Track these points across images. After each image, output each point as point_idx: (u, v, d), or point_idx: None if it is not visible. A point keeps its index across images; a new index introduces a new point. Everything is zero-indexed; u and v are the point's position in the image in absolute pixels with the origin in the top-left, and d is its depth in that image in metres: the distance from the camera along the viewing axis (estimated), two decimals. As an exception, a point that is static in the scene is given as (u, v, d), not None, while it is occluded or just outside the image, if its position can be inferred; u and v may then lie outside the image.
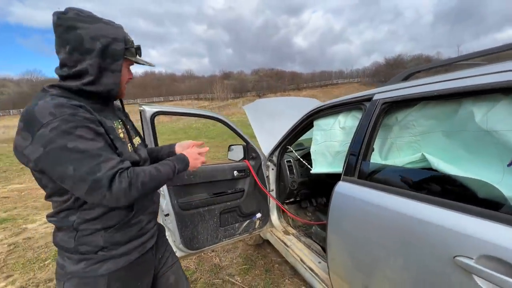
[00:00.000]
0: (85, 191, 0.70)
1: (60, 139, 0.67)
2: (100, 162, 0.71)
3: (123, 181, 0.73)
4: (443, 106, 1.06)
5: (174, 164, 0.94)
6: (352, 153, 1.31)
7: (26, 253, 2.81)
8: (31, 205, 4.52)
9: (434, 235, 0.84)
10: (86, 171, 0.69)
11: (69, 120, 0.69)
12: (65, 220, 0.81)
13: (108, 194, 0.71)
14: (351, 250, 1.22)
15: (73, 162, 0.68)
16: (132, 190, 0.75)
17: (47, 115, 0.68)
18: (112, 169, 0.72)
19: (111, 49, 0.80)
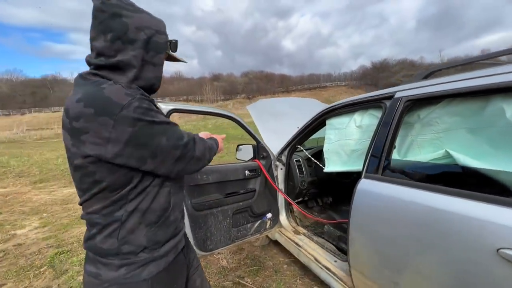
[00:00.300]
0: (176, 158, 0.76)
1: (146, 115, 0.70)
2: (180, 130, 0.79)
3: (200, 144, 0.84)
4: (468, 103, 1.09)
5: (214, 141, 1.01)
6: (375, 151, 1.31)
7: (18, 260, 2.65)
8: (18, 209, 4.29)
9: (474, 229, 0.85)
10: (176, 138, 0.75)
11: (144, 99, 0.72)
12: (110, 216, 0.75)
13: (194, 157, 0.80)
14: (378, 247, 1.22)
15: (165, 133, 0.73)
16: (207, 153, 0.87)
17: (124, 96, 0.68)
18: (190, 135, 0.82)
19: (154, 42, 0.78)
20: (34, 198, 4.86)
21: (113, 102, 0.66)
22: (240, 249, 2.66)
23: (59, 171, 6.89)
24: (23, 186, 5.73)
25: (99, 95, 0.67)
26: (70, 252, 2.75)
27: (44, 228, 3.45)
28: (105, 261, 0.75)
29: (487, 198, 0.85)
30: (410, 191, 1.11)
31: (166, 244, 0.85)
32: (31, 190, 5.37)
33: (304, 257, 1.90)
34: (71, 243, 2.96)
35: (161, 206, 0.83)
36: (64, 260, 2.58)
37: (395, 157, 1.30)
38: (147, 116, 0.70)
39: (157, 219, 0.81)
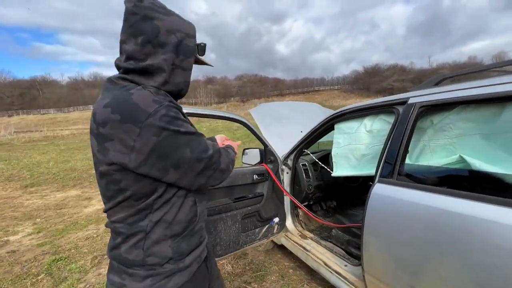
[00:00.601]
0: (199, 171, 0.73)
1: (172, 125, 0.67)
2: (205, 141, 0.76)
3: (224, 156, 0.81)
4: (483, 110, 1.12)
5: (232, 149, 0.98)
6: (389, 155, 1.33)
7: (13, 268, 2.55)
8: (9, 215, 4.14)
9: (492, 232, 0.87)
10: (201, 150, 0.72)
11: (172, 106, 0.70)
12: (134, 226, 0.73)
13: (217, 170, 0.77)
14: (394, 251, 1.23)
15: (189, 144, 0.70)
16: (230, 164, 0.84)
17: (151, 103, 0.66)
18: (215, 146, 0.79)
19: (184, 45, 0.76)
20: (26, 202, 4.71)
21: (140, 109, 0.64)
22: (244, 254, 2.63)
23: (50, 174, 6.70)
24: (14, 190, 5.55)
25: (127, 101, 0.65)
26: (68, 258, 2.66)
27: (38, 234, 3.34)
28: (131, 271, 0.73)
29: (505, 202, 0.87)
30: (425, 195, 1.12)
31: (191, 254, 0.82)
32: (22, 195, 5.20)
33: (312, 262, 1.90)
34: (68, 249, 2.87)
35: (187, 217, 0.81)
36: (62, 267, 2.50)
37: (409, 162, 1.32)
38: (173, 125, 0.68)
39: (183, 230, 0.79)
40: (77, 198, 4.88)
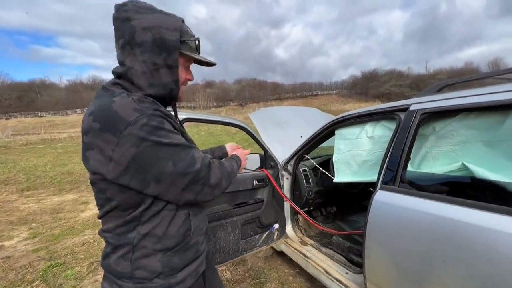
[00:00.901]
0: (183, 186, 0.68)
1: (153, 135, 0.63)
2: (193, 154, 0.70)
3: (216, 171, 0.75)
4: (486, 117, 1.11)
5: (236, 161, 0.95)
6: (391, 162, 1.32)
7: (8, 274, 2.49)
8: (4, 219, 4.07)
9: (496, 241, 0.86)
10: (185, 164, 0.67)
11: (156, 115, 0.65)
12: (122, 237, 0.72)
13: (206, 186, 0.71)
14: (396, 259, 1.21)
15: (171, 157, 0.65)
16: (223, 180, 0.77)
17: (132, 111, 0.62)
18: (205, 159, 0.72)
19: (165, 41, 0.70)
20: (22, 207, 4.64)
21: (119, 117, 0.61)
22: (244, 260, 2.60)
23: (47, 178, 6.63)
24: (9, 194, 5.48)
25: (107, 109, 0.63)
26: (64, 265, 2.61)
27: (34, 239, 3.28)
28: (119, 282, 0.72)
29: (509, 211, 0.86)
30: (428, 203, 1.11)
31: (184, 269, 0.78)
32: (18, 199, 5.13)
33: (312, 269, 1.87)
34: (64, 255, 2.82)
35: (179, 231, 0.76)
36: (58, 274, 2.45)
37: (411, 169, 1.31)
38: (154, 135, 0.63)
39: (175, 244, 0.75)
40: (74, 202, 4.82)
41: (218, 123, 1.68)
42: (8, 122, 37.94)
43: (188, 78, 0.85)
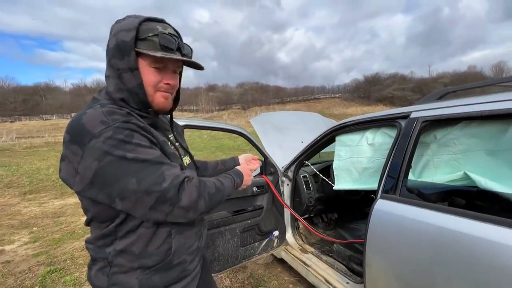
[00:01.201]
0: (150, 205, 0.61)
1: (117, 149, 0.60)
2: (163, 171, 0.63)
3: (192, 191, 0.66)
4: (488, 125, 1.09)
5: (233, 177, 0.87)
6: (392, 171, 1.30)
7: (7, 279, 2.49)
8: (6, 223, 4.09)
9: (500, 254, 0.83)
10: (150, 182, 0.61)
11: (124, 128, 0.62)
12: (101, 250, 0.71)
13: (176, 207, 0.63)
14: (398, 270, 1.18)
15: (135, 174, 0.60)
16: (200, 201, 0.68)
17: (98, 124, 0.61)
18: (178, 178, 0.65)
19: (122, 43, 0.67)
20: (24, 210, 4.66)
21: (85, 130, 0.60)
22: (243, 267, 2.57)
23: (50, 181, 6.66)
24: (12, 197, 5.51)
25: (77, 121, 0.63)
26: (63, 270, 2.60)
27: (34, 243, 3.29)
28: None
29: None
30: (430, 213, 1.08)
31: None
32: (21, 202, 5.16)
33: (313, 278, 1.84)
34: (63, 260, 2.81)
35: (160, 250, 0.72)
36: (57, 280, 2.44)
37: (412, 178, 1.29)
38: (118, 149, 0.60)
39: (154, 263, 0.71)
40: (76, 206, 4.83)
41: (217, 130, 1.67)
42: (13, 125, 38.37)
43: (166, 83, 0.74)
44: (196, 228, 0.84)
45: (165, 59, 0.72)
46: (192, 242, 0.81)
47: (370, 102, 45.86)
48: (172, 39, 0.71)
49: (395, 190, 1.25)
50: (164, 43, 0.69)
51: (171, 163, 0.68)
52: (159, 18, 0.73)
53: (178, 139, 0.91)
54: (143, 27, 0.69)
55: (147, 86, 0.71)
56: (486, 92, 1.23)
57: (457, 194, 1.16)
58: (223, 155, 10.61)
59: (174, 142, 0.86)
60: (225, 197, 0.80)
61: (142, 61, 0.70)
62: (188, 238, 0.79)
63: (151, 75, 0.71)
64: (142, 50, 0.68)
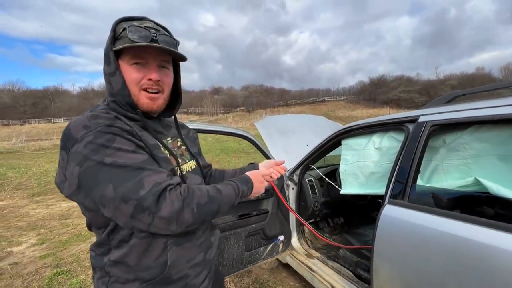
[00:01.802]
0: (129, 214, 0.58)
1: (96, 154, 0.58)
2: (143, 177, 0.59)
3: (174, 200, 0.60)
4: (499, 130, 1.06)
5: (237, 184, 0.78)
6: (400, 176, 1.27)
7: (14, 281, 2.52)
8: (14, 225, 4.15)
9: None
10: (127, 189, 0.57)
11: (105, 132, 0.60)
12: (99, 258, 0.71)
13: (156, 217, 0.58)
14: (407, 278, 1.15)
15: (112, 180, 0.57)
16: (186, 212, 0.61)
17: (80, 128, 0.61)
18: (159, 185, 0.60)
19: (106, 47, 0.68)
20: (32, 212, 4.73)
21: (70, 135, 0.61)
22: (248, 272, 2.55)
23: (58, 183, 6.76)
24: (21, 199, 5.60)
25: (67, 127, 0.64)
26: (69, 272, 2.62)
27: (41, 245, 3.33)
28: None
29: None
30: (439, 220, 1.05)
31: None
32: (29, 204, 5.24)
33: (318, 284, 1.81)
34: (70, 262, 2.84)
35: (157, 263, 0.69)
36: (63, 282, 2.46)
37: (420, 183, 1.26)
38: (97, 154, 0.58)
39: (152, 277, 0.69)
40: (82, 208, 4.88)
41: (221, 133, 1.67)
42: (22, 128, 39.21)
43: (149, 78, 0.70)
44: (201, 239, 0.79)
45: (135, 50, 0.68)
46: (195, 254, 0.76)
47: (376, 104, 45.48)
48: (145, 31, 0.67)
49: (403, 196, 1.23)
50: (133, 35, 0.65)
51: (156, 169, 0.63)
52: (138, 17, 0.71)
53: (187, 142, 0.88)
54: (119, 27, 0.68)
55: (130, 85, 0.69)
56: (495, 96, 1.20)
57: (467, 200, 1.13)
58: (228, 157, 10.61)
59: (171, 145, 0.81)
60: (224, 207, 0.73)
61: (122, 61, 0.69)
62: (188, 250, 0.74)
63: (132, 73, 0.69)
64: (115, 47, 0.67)
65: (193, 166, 0.86)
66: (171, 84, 0.79)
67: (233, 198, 0.76)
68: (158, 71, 0.72)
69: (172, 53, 0.72)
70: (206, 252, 0.81)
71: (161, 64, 0.73)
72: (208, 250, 0.83)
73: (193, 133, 1.01)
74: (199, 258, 0.78)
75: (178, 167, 0.77)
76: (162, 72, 0.73)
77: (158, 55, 0.71)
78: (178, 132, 0.89)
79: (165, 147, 0.76)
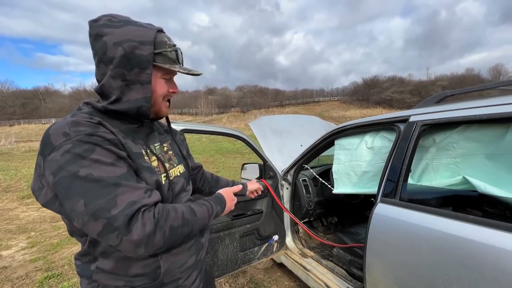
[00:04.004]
0: (97, 232, 0.56)
1: (72, 164, 0.55)
2: (117, 194, 0.56)
3: (147, 223, 0.58)
4: (487, 129, 1.09)
5: (211, 205, 0.78)
6: (391, 175, 1.29)
7: (4, 285, 2.46)
8: (3, 228, 4.05)
9: (502, 260, 0.82)
10: (98, 206, 0.54)
11: (84, 141, 0.57)
12: (86, 267, 0.70)
13: (124, 240, 0.55)
14: (398, 275, 1.17)
15: (83, 194, 0.55)
16: (157, 236, 0.59)
17: (60, 135, 0.57)
18: (132, 205, 0.57)
19: (137, 56, 0.65)
20: (22, 215, 4.63)
21: (49, 141, 0.58)
22: (243, 272, 2.55)
23: (48, 185, 6.63)
24: (10, 201, 5.47)
25: (46, 131, 0.60)
26: (61, 276, 2.58)
27: (32, 248, 3.26)
28: None
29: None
30: (430, 218, 1.08)
31: None
32: (19, 206, 5.12)
33: (313, 283, 1.82)
34: (61, 265, 2.79)
35: (147, 270, 0.68)
36: (54, 285, 2.41)
37: (411, 182, 1.29)
38: (73, 165, 0.55)
39: (143, 283, 0.68)
40: (74, 210, 4.80)
41: (216, 134, 1.67)
42: (11, 129, 38.30)
43: (172, 91, 0.76)
44: (190, 242, 0.78)
45: (181, 72, 0.74)
46: (186, 258, 0.77)
47: (369, 104, 45.97)
48: (179, 52, 0.74)
49: (395, 194, 1.25)
50: (176, 57, 0.72)
51: (134, 184, 0.60)
52: (160, 28, 0.73)
53: (175, 145, 0.88)
54: (159, 39, 0.70)
55: (158, 97, 0.72)
56: (484, 96, 1.24)
57: (456, 198, 1.15)
58: (222, 158, 10.59)
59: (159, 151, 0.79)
60: (197, 229, 0.72)
61: (154, 73, 0.70)
62: (178, 256, 0.74)
63: (162, 86, 0.73)
64: (162, 65, 0.70)
65: (181, 170, 0.85)
66: None
67: (206, 220, 0.76)
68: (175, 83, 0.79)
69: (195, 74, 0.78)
70: (196, 254, 0.81)
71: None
72: (200, 252, 0.83)
73: (180, 135, 1.00)
74: (190, 261, 0.78)
75: (166, 174, 0.75)
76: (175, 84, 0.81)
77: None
78: (170, 136, 0.89)
79: (153, 154, 0.75)
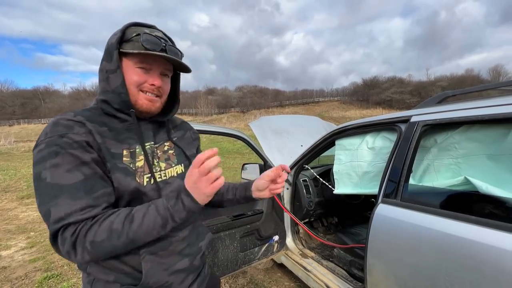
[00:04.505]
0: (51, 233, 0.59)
1: (39, 164, 0.59)
2: (55, 204, 0.57)
3: (65, 241, 0.57)
4: (489, 130, 1.09)
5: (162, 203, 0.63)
6: (392, 175, 1.29)
7: (3, 286, 2.45)
8: (3, 228, 4.05)
9: (504, 260, 0.82)
10: (43, 212, 0.58)
11: (53, 144, 0.59)
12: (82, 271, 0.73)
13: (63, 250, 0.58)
14: (400, 276, 1.17)
15: (38, 195, 0.59)
16: (77, 252, 0.57)
17: (43, 134, 0.62)
18: (57, 223, 0.56)
19: (109, 45, 0.70)
20: (21, 215, 4.62)
21: (40, 135, 0.63)
22: (243, 272, 2.54)
23: (48, 185, 6.61)
24: (9, 201, 5.46)
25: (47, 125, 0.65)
26: (60, 276, 2.57)
27: (31, 248, 3.25)
28: None
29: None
30: (431, 218, 1.07)
31: None
32: (18, 206, 5.11)
33: (313, 283, 1.82)
34: (60, 266, 2.78)
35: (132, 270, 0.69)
36: (54, 286, 2.41)
37: (413, 182, 1.28)
38: (38, 166, 0.59)
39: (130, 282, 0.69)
40: (73, 210, 4.79)
41: (216, 134, 1.67)
42: (11, 129, 38.28)
43: (151, 83, 0.71)
44: (181, 245, 0.75)
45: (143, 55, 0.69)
46: (175, 261, 0.74)
47: (369, 105, 45.98)
48: (157, 40, 0.69)
49: (396, 195, 1.24)
50: (146, 43, 0.68)
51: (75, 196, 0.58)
52: (148, 24, 0.74)
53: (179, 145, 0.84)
54: (130, 30, 0.71)
55: (129, 85, 0.70)
56: (484, 96, 1.23)
57: (458, 199, 1.15)
58: (222, 158, 10.58)
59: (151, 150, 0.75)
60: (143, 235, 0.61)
61: (128, 61, 0.70)
62: (166, 258, 0.72)
63: (135, 75, 0.70)
64: (124, 50, 0.69)
65: (179, 171, 0.81)
66: (168, 92, 0.80)
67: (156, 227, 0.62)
68: (161, 78, 0.74)
69: (181, 65, 0.76)
70: (193, 258, 0.79)
71: (164, 72, 0.75)
72: (197, 255, 0.81)
73: (192, 133, 0.96)
74: (182, 264, 0.76)
75: (151, 174, 0.71)
76: (163, 79, 0.75)
77: (163, 63, 0.73)
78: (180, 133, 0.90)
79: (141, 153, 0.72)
